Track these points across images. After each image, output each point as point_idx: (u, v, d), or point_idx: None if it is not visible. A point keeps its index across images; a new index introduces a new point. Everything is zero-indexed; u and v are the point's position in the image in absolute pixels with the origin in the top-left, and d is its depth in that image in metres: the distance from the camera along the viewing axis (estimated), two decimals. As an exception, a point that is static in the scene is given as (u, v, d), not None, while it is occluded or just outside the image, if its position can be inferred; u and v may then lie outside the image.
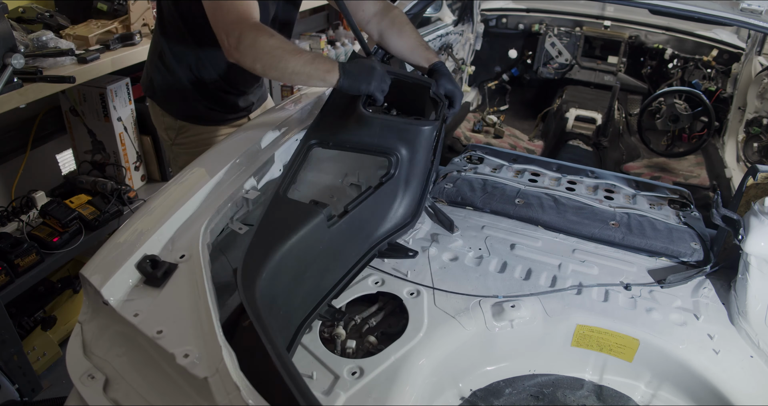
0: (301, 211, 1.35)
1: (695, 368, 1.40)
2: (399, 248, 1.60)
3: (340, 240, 1.43)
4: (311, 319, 1.37)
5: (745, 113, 2.90)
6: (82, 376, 1.06)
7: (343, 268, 1.49)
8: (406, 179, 1.60)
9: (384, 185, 1.53)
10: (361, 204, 1.47)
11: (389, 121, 1.59)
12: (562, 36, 3.85)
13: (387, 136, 1.56)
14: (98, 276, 1.15)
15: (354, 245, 1.51)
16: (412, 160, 1.58)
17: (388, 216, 1.58)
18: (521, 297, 1.51)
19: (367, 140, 1.57)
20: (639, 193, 1.99)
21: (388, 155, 1.56)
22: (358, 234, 1.51)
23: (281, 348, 0.99)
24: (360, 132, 1.57)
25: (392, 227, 1.59)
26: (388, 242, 1.58)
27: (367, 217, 1.52)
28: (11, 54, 1.93)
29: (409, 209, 1.63)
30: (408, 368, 1.30)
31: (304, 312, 1.36)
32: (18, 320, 2.40)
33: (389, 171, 1.55)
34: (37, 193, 2.41)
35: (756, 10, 1.70)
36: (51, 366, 2.48)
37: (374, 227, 1.56)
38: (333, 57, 4.52)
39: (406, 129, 1.57)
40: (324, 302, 1.41)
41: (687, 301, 1.56)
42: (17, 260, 2.14)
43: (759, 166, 1.60)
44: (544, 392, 1.48)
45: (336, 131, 1.59)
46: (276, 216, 1.33)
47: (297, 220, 1.32)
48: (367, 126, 1.57)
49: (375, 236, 1.56)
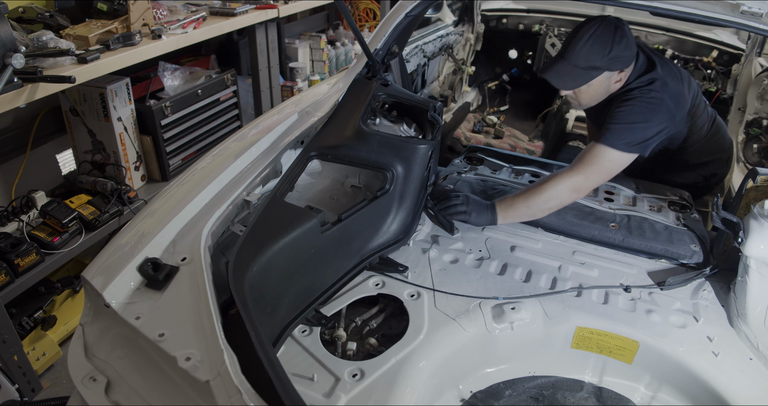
0: (295, 214, 1.39)
1: (694, 370, 1.40)
2: (390, 262, 1.62)
3: (331, 247, 1.46)
4: (297, 322, 1.39)
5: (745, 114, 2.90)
6: (84, 378, 1.06)
7: (332, 276, 1.51)
8: (400, 195, 1.64)
9: (379, 199, 1.57)
10: (355, 215, 1.50)
11: (387, 138, 1.63)
12: (563, 36, 3.85)
13: (384, 152, 1.61)
14: (100, 279, 1.15)
15: (345, 255, 1.53)
16: (408, 177, 1.63)
17: (381, 230, 1.62)
18: (521, 299, 1.51)
19: (365, 155, 1.62)
20: (639, 196, 1.99)
21: (384, 171, 1.60)
22: (350, 245, 1.54)
23: (264, 336, 1.03)
24: (358, 147, 1.62)
25: (384, 242, 1.63)
26: (380, 256, 1.61)
27: (360, 229, 1.55)
28: (11, 54, 1.93)
29: (402, 225, 1.67)
30: (408, 370, 1.30)
31: (290, 314, 1.38)
32: (18, 320, 2.41)
33: (384, 186, 1.58)
34: (37, 193, 2.41)
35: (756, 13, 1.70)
36: (51, 366, 2.48)
37: (366, 240, 1.59)
38: (333, 57, 4.52)
39: (402, 146, 1.62)
40: (311, 307, 1.43)
41: (686, 303, 1.56)
42: (17, 260, 2.14)
43: (759, 169, 1.60)
44: (544, 393, 1.48)
45: (335, 144, 1.63)
46: (271, 217, 1.36)
47: (291, 222, 1.35)
48: (365, 141, 1.62)
49: (367, 248, 1.59)
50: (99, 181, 2.60)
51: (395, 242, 1.64)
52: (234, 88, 3.19)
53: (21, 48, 1.99)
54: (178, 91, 2.85)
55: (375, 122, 1.72)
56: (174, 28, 2.66)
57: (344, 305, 1.48)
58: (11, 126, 2.52)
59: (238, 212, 1.45)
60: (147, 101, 2.73)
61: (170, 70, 2.89)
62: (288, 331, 1.36)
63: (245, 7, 3.12)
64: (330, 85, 2.00)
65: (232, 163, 1.49)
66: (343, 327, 1.43)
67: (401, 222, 1.66)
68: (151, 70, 2.88)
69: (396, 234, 1.65)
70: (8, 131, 2.50)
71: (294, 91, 4.10)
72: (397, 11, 2.08)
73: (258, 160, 1.55)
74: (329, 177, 1.78)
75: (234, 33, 3.54)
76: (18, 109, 2.04)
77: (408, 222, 1.69)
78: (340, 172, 1.79)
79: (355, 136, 1.63)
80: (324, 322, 1.42)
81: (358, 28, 1.81)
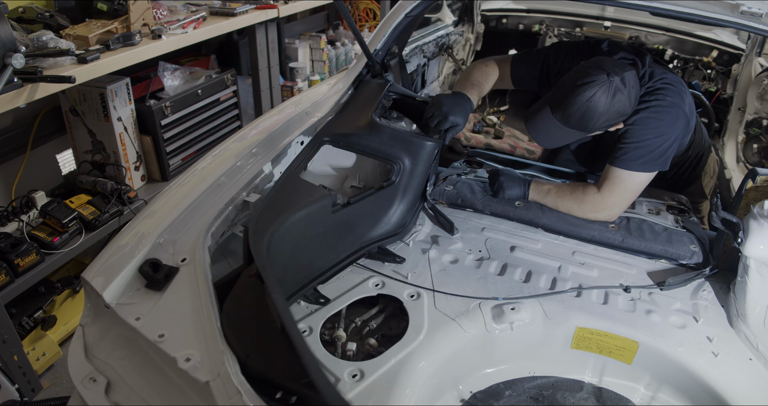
0: (311, 190, 1.45)
1: (694, 371, 1.40)
2: (388, 252, 1.66)
3: (337, 229, 1.52)
4: (297, 298, 1.44)
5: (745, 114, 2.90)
6: (84, 379, 1.07)
7: (334, 257, 1.55)
8: (404, 188, 1.69)
9: (384, 189, 1.61)
10: (361, 202, 1.55)
11: (397, 132, 1.69)
12: (563, 37, 3.85)
13: (394, 145, 1.67)
14: (100, 279, 1.15)
15: (347, 239, 1.58)
16: (413, 171, 1.69)
17: (382, 221, 1.67)
18: (521, 299, 1.51)
19: (375, 146, 1.67)
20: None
21: (392, 162, 1.65)
22: (354, 230, 1.59)
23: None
24: (370, 137, 1.68)
25: (384, 232, 1.68)
26: (378, 245, 1.65)
27: (364, 216, 1.61)
28: (11, 54, 1.93)
29: (401, 219, 1.71)
30: (408, 371, 1.30)
31: (292, 288, 1.42)
32: (18, 320, 2.41)
33: (390, 177, 1.63)
34: (37, 193, 2.41)
35: (756, 13, 1.70)
36: (51, 366, 2.48)
37: (368, 228, 1.64)
38: (333, 57, 4.51)
39: (411, 141, 1.68)
40: (311, 285, 1.47)
41: (686, 303, 1.56)
42: (17, 260, 2.14)
43: (758, 170, 1.60)
44: (544, 394, 1.48)
45: (348, 132, 1.69)
46: (288, 190, 1.42)
47: (307, 196, 1.41)
48: (377, 133, 1.68)
49: (367, 236, 1.64)
50: (99, 182, 2.60)
51: (393, 235, 1.69)
52: (234, 88, 3.19)
53: (21, 48, 1.99)
54: (178, 91, 2.85)
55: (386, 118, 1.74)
56: (174, 28, 2.66)
57: (344, 305, 1.48)
58: (11, 126, 2.52)
59: (238, 213, 1.45)
60: (147, 101, 2.74)
61: (170, 70, 2.89)
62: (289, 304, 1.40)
63: (245, 7, 3.12)
64: (330, 85, 2.01)
65: (232, 164, 1.49)
66: (342, 328, 1.43)
67: (401, 215, 1.71)
68: (151, 70, 2.88)
69: (396, 227, 1.70)
70: (8, 131, 2.50)
71: (294, 91, 4.10)
72: (397, 11, 2.08)
73: (258, 160, 1.55)
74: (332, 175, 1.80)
75: (234, 33, 3.54)
76: (18, 109, 2.04)
77: (406, 218, 1.73)
78: (340, 174, 1.79)
79: (368, 127, 1.70)
80: (322, 301, 1.45)
81: (357, 29, 1.81)
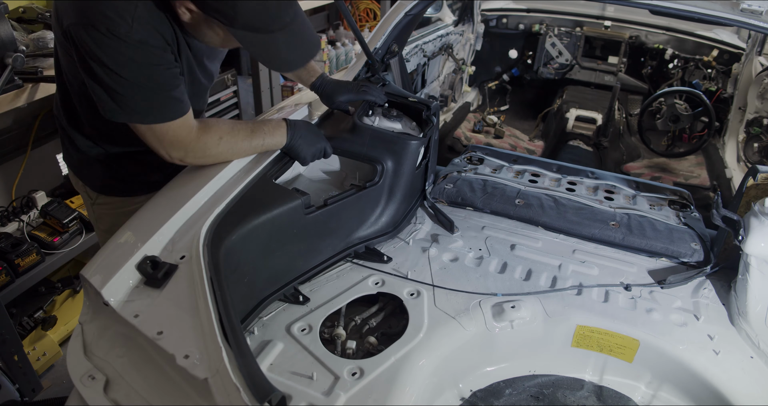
0: (280, 194, 1.44)
1: (695, 369, 1.40)
2: (375, 252, 1.66)
3: (316, 230, 1.51)
4: (276, 296, 1.44)
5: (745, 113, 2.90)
6: (82, 376, 1.06)
7: (316, 258, 1.56)
8: (390, 189, 1.68)
9: (367, 190, 1.61)
10: (343, 203, 1.55)
11: (379, 133, 1.68)
12: (563, 36, 3.85)
13: (376, 146, 1.66)
14: (99, 277, 1.15)
15: (331, 239, 1.58)
16: (398, 171, 1.68)
17: (368, 221, 1.67)
18: (521, 297, 1.51)
19: (358, 149, 1.67)
20: (639, 194, 1.99)
21: (375, 163, 1.65)
22: (337, 231, 1.59)
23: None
24: (352, 140, 1.67)
25: (372, 232, 1.68)
26: (366, 245, 1.65)
27: (348, 216, 1.61)
28: (12, 54, 1.93)
29: (392, 219, 1.71)
30: (408, 369, 1.30)
31: (270, 288, 1.43)
32: (18, 320, 2.41)
33: (373, 178, 1.63)
34: (38, 193, 2.41)
35: (756, 11, 1.70)
36: (51, 366, 2.48)
37: (353, 228, 1.64)
38: (333, 57, 4.52)
39: (393, 141, 1.67)
40: (290, 285, 1.48)
41: (687, 301, 1.56)
42: (17, 260, 2.15)
43: (759, 167, 1.60)
44: (544, 392, 1.48)
45: (330, 136, 1.67)
46: (256, 195, 1.42)
47: (274, 200, 1.41)
48: (359, 135, 1.67)
49: (353, 236, 1.64)
50: (99, 182, 2.60)
51: (383, 234, 1.69)
52: (234, 88, 3.20)
53: (21, 48, 1.99)
54: (178, 91, 2.85)
55: (372, 119, 1.73)
56: (174, 28, 2.66)
57: (344, 303, 1.48)
58: (12, 126, 2.52)
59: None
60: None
61: (170, 70, 2.88)
62: (265, 303, 1.41)
63: (245, 8, 3.11)
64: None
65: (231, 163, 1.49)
66: (342, 326, 1.43)
67: (391, 215, 1.71)
68: (151, 71, 2.88)
69: (385, 226, 1.70)
70: (9, 131, 2.51)
71: (294, 91, 4.11)
72: (397, 10, 2.08)
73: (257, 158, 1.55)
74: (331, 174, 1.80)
75: (234, 33, 3.53)
76: (18, 109, 2.04)
77: (399, 217, 1.73)
78: (339, 173, 1.79)
79: (350, 129, 1.69)
80: (301, 300, 1.46)
81: (357, 28, 1.81)
